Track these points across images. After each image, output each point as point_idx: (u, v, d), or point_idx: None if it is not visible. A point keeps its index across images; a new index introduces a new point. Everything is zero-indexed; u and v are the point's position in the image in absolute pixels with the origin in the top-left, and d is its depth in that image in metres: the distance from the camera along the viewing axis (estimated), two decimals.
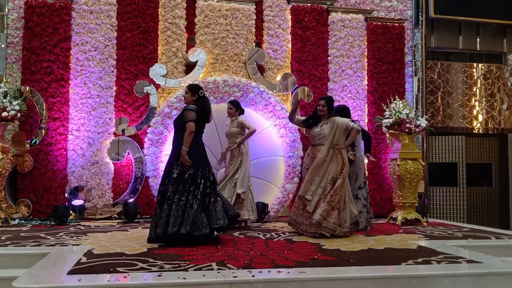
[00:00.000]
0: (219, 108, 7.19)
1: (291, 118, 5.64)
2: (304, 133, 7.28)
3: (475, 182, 9.79)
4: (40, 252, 4.03)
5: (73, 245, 4.43)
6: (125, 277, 3.15)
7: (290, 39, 7.88)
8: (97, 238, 4.88)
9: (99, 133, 6.99)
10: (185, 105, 4.96)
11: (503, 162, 9.84)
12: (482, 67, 9.62)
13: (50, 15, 6.93)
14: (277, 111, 7.41)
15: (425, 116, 7.41)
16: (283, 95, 7.69)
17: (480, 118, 9.52)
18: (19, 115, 6.21)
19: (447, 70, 9.46)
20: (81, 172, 6.88)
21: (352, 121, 5.49)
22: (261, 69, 7.68)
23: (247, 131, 6.29)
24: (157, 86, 7.22)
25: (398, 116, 6.69)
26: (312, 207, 5.10)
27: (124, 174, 7.09)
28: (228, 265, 3.52)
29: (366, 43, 8.18)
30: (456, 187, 9.60)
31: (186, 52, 7.42)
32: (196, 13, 7.54)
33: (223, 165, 6.66)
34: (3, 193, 6.31)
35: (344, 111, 5.90)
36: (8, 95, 6.18)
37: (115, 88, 7.15)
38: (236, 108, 6.40)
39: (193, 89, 4.90)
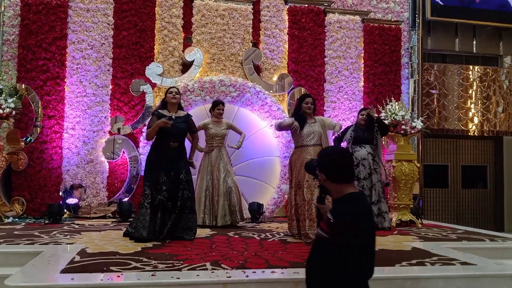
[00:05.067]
0: None
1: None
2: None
3: (470, 185, 9.83)
4: (34, 251, 4.01)
5: (67, 243, 4.41)
6: (119, 276, 3.14)
7: (287, 40, 7.88)
8: (91, 237, 4.86)
9: (94, 132, 6.97)
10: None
11: (498, 164, 9.88)
12: (478, 70, 9.66)
13: (46, 13, 6.90)
14: (273, 112, 7.41)
15: (420, 118, 7.43)
16: (279, 95, 7.68)
17: (476, 120, 9.55)
18: (14, 112, 6.17)
19: (443, 72, 9.48)
20: (76, 170, 6.85)
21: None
22: (257, 69, 7.67)
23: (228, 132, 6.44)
24: (153, 85, 7.20)
25: (393, 117, 6.70)
26: None
27: (119, 173, 7.07)
28: (222, 265, 3.52)
29: (363, 44, 8.19)
30: (451, 189, 9.64)
31: (183, 51, 7.41)
32: (193, 12, 7.53)
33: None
34: None
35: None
36: (3, 92, 6.15)
37: (111, 87, 7.13)
38: None
39: None
